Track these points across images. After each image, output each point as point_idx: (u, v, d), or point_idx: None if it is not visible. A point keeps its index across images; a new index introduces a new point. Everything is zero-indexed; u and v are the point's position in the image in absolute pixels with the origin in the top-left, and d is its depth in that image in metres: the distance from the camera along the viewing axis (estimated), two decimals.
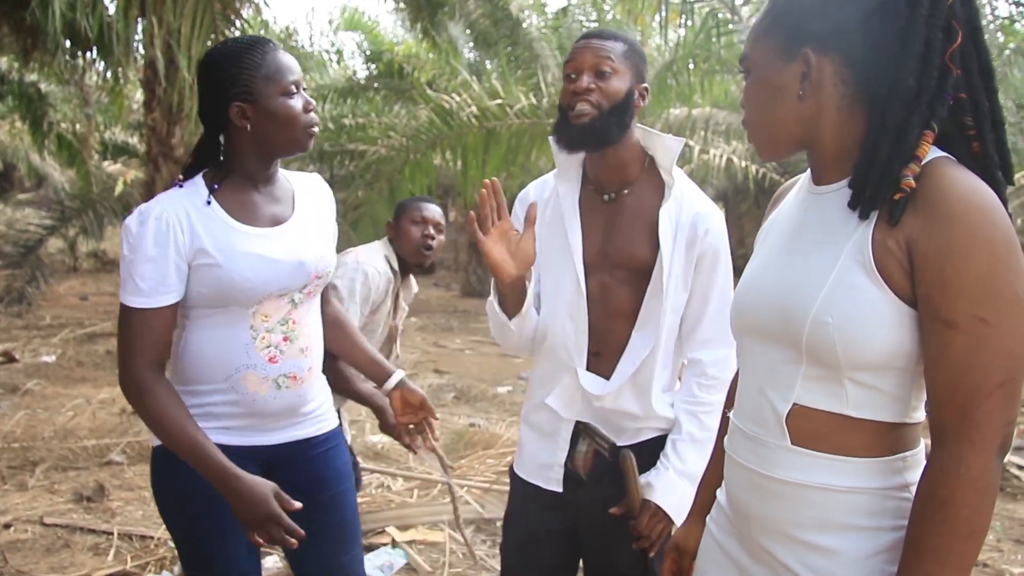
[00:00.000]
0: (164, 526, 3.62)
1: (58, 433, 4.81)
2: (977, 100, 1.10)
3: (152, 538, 3.55)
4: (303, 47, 12.54)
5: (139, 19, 6.18)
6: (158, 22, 5.78)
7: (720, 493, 1.36)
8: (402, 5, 8.08)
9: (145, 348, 1.65)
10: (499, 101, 7.58)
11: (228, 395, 1.73)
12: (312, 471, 1.87)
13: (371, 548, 3.47)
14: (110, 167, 13.15)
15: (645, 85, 1.86)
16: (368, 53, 12.74)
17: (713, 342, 1.86)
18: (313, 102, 1.76)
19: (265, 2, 7.59)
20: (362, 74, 12.47)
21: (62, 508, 3.83)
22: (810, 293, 1.10)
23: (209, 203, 1.69)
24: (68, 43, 7.28)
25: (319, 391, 1.88)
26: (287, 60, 1.72)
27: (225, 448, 1.67)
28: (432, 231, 2.87)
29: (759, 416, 1.20)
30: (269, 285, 1.70)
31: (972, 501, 1.01)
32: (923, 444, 1.16)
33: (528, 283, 1.82)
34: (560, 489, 1.89)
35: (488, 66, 11.18)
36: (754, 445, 1.21)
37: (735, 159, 8.26)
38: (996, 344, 1.00)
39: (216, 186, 1.72)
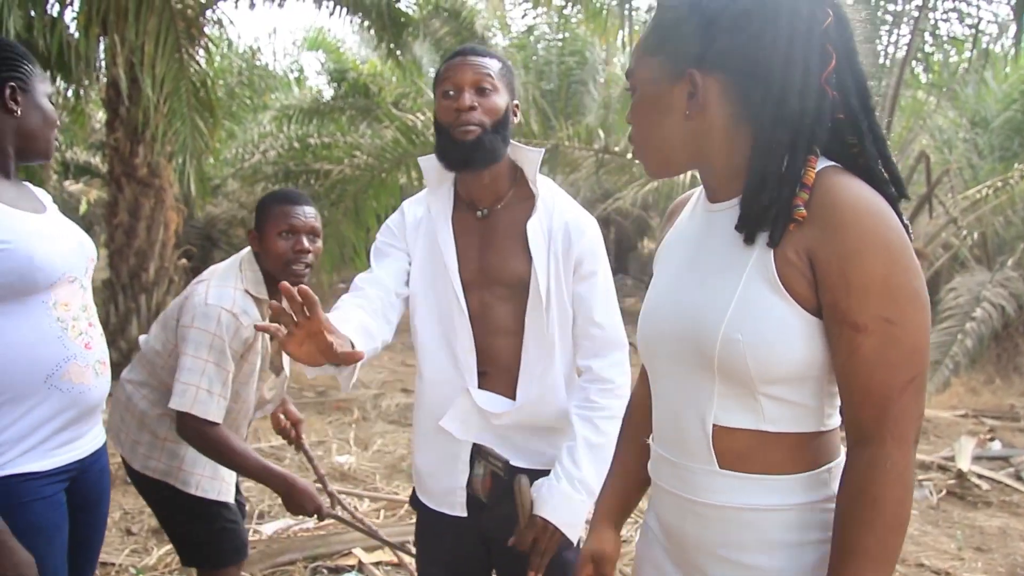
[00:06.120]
0: (125, 552, 3.56)
1: None
2: (855, 119, 1.12)
3: (113, 564, 3.48)
4: (267, 66, 12.48)
5: (100, 38, 6.11)
6: (120, 40, 5.73)
7: (649, 517, 1.35)
8: (367, 24, 8.07)
9: None
10: None
11: (50, 401, 1.67)
12: (100, 483, 1.88)
13: (338, 571, 3.44)
14: (72, 187, 12.98)
15: (516, 101, 1.84)
16: (333, 72, 12.71)
17: (604, 347, 1.82)
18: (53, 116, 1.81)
19: (230, 20, 7.57)
20: (327, 94, 12.43)
21: None
22: (717, 312, 1.10)
23: None
24: None
25: None
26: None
27: (35, 476, 1.64)
28: (306, 242, 2.22)
29: (681, 442, 1.20)
30: (65, 264, 1.71)
31: (899, 495, 1.04)
32: (843, 455, 1.17)
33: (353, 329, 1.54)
34: (464, 514, 1.84)
35: None
36: (680, 471, 1.20)
37: None
38: (903, 342, 1.03)
39: None
